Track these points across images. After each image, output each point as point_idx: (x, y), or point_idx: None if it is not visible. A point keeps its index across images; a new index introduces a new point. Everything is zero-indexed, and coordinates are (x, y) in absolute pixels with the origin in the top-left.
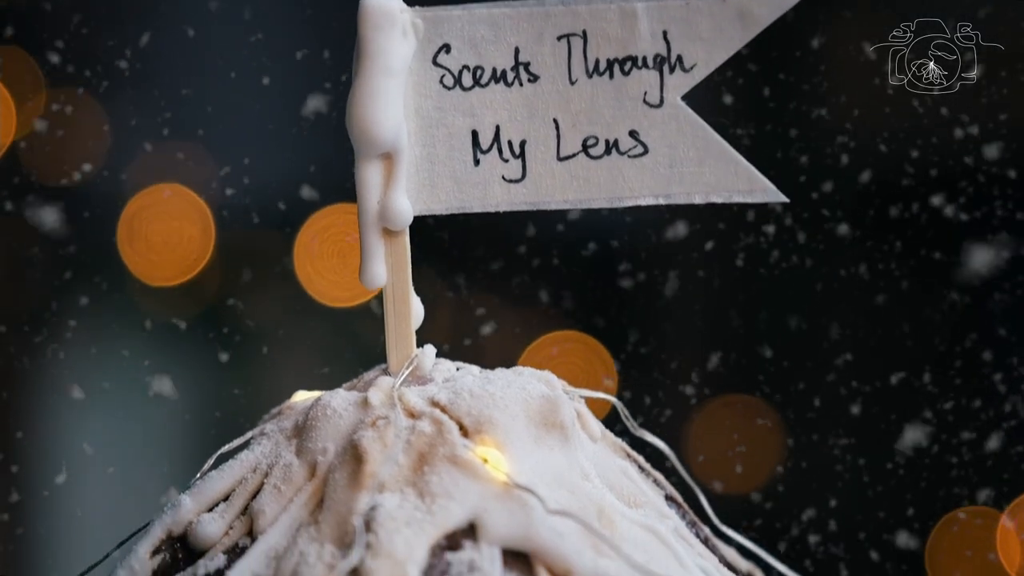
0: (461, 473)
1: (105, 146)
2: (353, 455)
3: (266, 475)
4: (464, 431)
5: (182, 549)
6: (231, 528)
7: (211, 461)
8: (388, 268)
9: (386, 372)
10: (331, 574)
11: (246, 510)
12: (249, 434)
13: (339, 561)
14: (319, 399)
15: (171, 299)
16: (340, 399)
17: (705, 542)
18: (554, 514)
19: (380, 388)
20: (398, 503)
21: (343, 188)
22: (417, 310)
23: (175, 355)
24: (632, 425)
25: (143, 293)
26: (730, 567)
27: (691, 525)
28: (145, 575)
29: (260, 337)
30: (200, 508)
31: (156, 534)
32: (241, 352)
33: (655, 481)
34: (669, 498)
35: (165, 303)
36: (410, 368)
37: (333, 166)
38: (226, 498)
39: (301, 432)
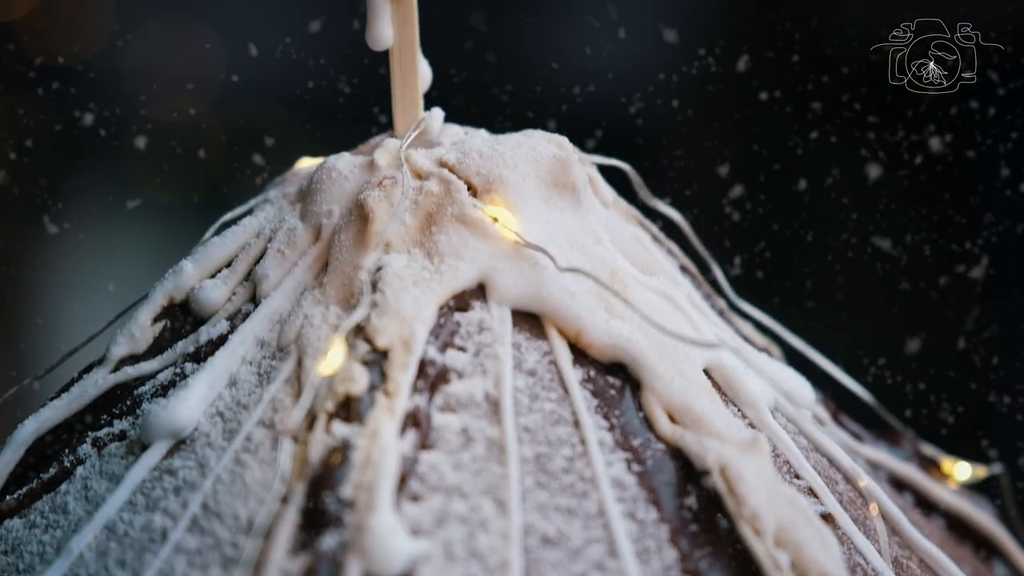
0: (470, 232)
1: None
2: (359, 215)
3: (269, 240)
4: (473, 191)
5: (184, 316)
6: (234, 294)
7: (214, 228)
8: (394, 28)
9: (392, 136)
10: (336, 333)
11: (249, 276)
12: (252, 201)
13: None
14: (323, 163)
15: None
16: (345, 162)
17: (720, 315)
18: (566, 272)
19: (386, 149)
20: (405, 263)
21: None
22: (424, 73)
23: None
24: (646, 194)
25: None
26: (746, 341)
27: (706, 297)
28: (146, 342)
29: None
30: (202, 274)
31: (157, 301)
32: None
33: (668, 252)
34: (683, 269)
35: None
36: (417, 130)
37: None
38: (229, 264)
39: (305, 196)
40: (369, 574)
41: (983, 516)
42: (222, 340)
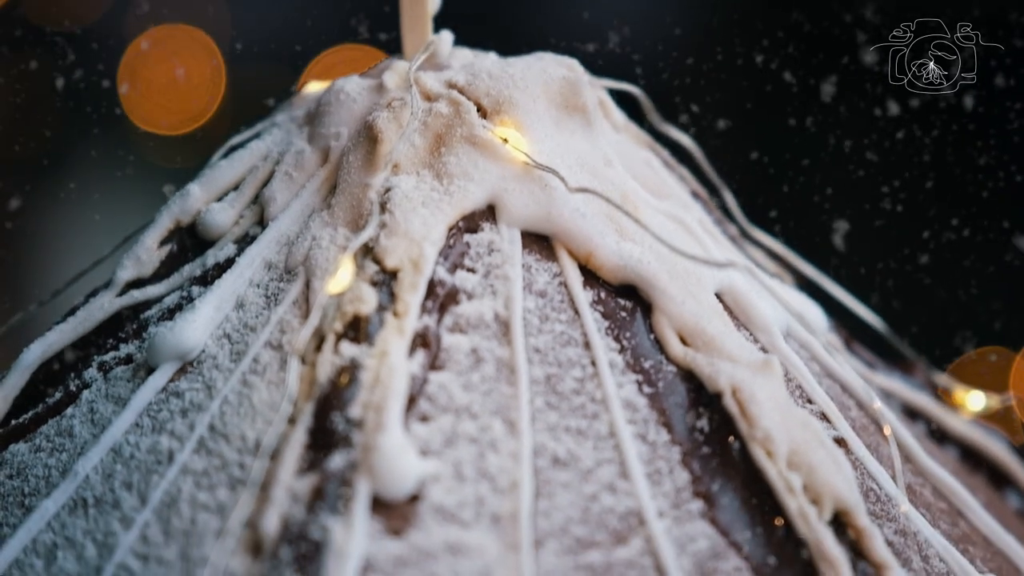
0: (480, 153)
1: None
2: (367, 136)
3: (277, 163)
4: (483, 112)
5: (190, 239)
6: (241, 217)
7: (221, 152)
8: None
9: (401, 59)
10: (344, 254)
11: (256, 199)
12: (259, 125)
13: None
14: (332, 85)
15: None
16: (354, 84)
17: (732, 241)
18: (576, 193)
19: (395, 71)
20: (414, 184)
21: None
22: None
23: None
24: (658, 119)
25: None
26: (758, 267)
27: (717, 223)
28: (152, 265)
29: None
30: (209, 197)
31: (164, 224)
32: None
33: (679, 177)
34: (694, 195)
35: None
36: (426, 53)
37: None
38: (236, 187)
39: (313, 119)
40: (378, 494)
41: (997, 446)
42: (229, 263)
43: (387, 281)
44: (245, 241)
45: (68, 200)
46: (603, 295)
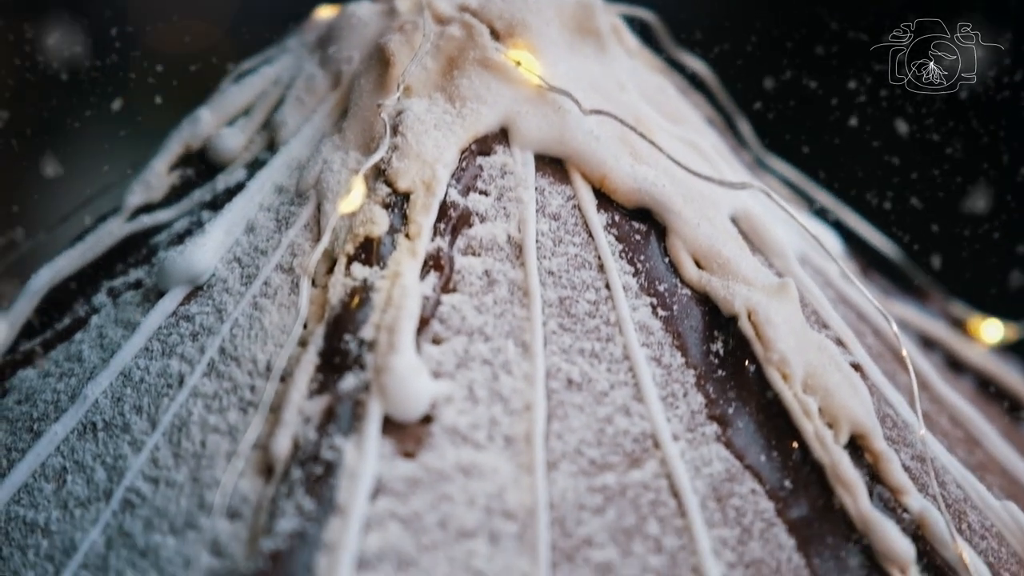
0: (492, 76)
1: None
2: (379, 59)
3: (288, 87)
4: (495, 34)
5: (200, 164)
6: (251, 142)
7: (231, 76)
8: None
9: None
10: (356, 176)
11: (267, 123)
12: (270, 50)
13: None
14: (343, 9)
15: None
16: (366, 8)
17: (747, 169)
18: (590, 115)
19: None
20: (426, 107)
21: None
22: None
23: None
24: (671, 45)
25: None
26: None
27: (732, 150)
28: (162, 190)
29: None
30: (219, 122)
31: (173, 149)
32: None
33: (693, 104)
34: (709, 121)
35: None
36: None
37: None
38: (246, 112)
39: (324, 43)
40: (390, 415)
41: (1013, 375)
42: (239, 187)
43: (399, 203)
44: (255, 165)
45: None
46: (617, 218)
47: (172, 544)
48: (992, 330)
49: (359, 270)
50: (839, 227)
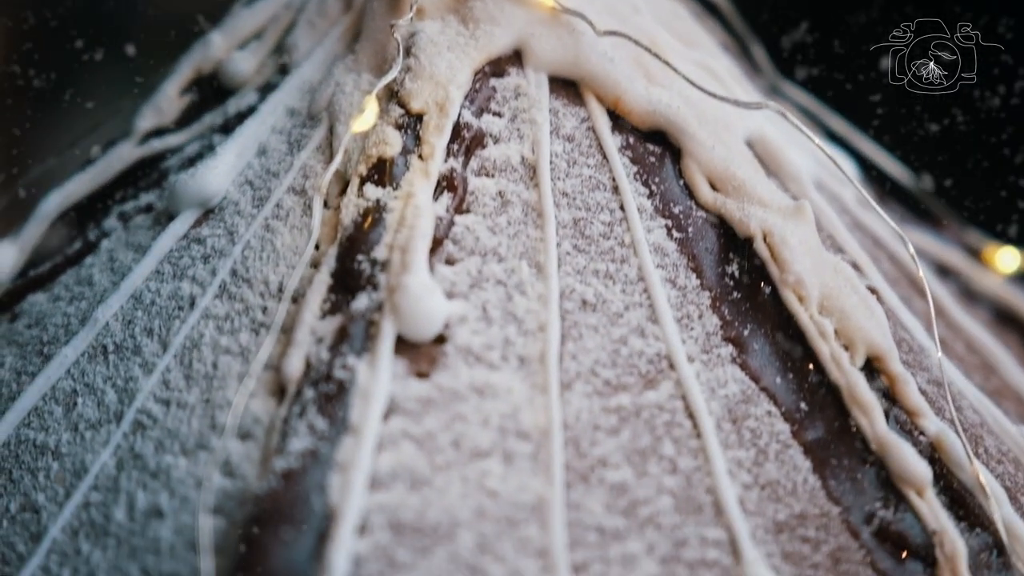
0: None
1: None
2: None
3: (299, 11)
4: None
5: (212, 88)
6: (263, 65)
7: (243, 0)
8: None
9: None
10: (369, 96)
11: (278, 47)
12: None
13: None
14: None
15: None
16: None
17: (762, 94)
18: (605, 37)
19: None
20: (440, 29)
21: None
22: None
23: None
24: None
25: None
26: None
27: (747, 76)
28: (172, 115)
29: None
30: (230, 46)
31: (184, 73)
32: None
33: (708, 30)
34: (723, 46)
35: None
36: None
37: None
38: (258, 36)
39: None
40: (403, 334)
41: None
42: (251, 110)
43: (412, 124)
44: (267, 89)
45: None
46: (632, 140)
47: (183, 465)
48: (1008, 258)
49: (372, 191)
50: (855, 155)
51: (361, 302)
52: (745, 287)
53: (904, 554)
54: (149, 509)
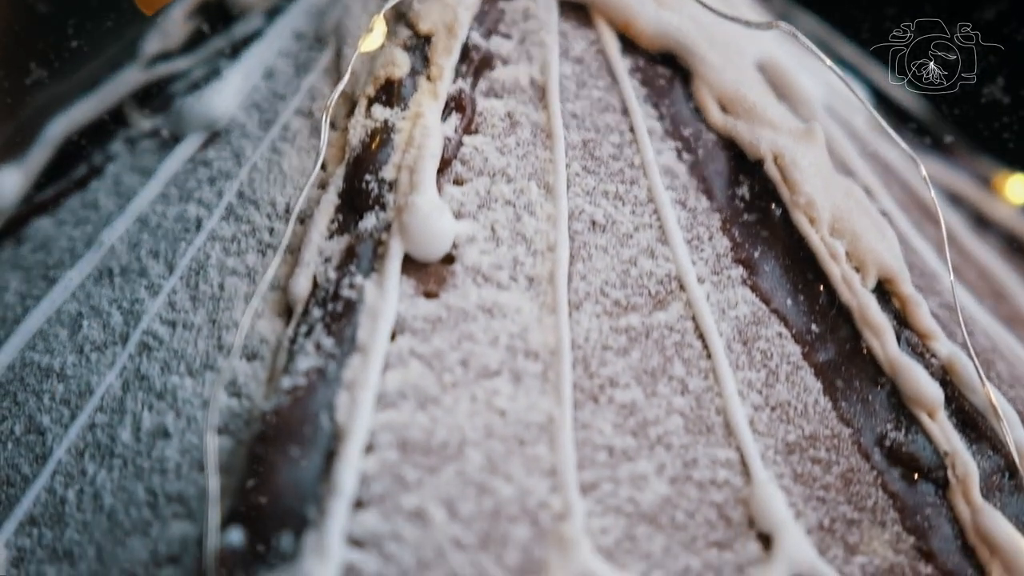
0: None
1: None
2: None
3: None
4: None
5: (218, 12)
6: None
7: None
8: None
9: None
10: (376, 17)
11: None
12: None
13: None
14: None
15: None
16: None
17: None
18: None
19: None
20: None
21: None
22: None
23: None
24: None
25: None
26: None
27: (756, 4)
28: (178, 39)
29: None
30: None
31: None
32: None
33: None
34: None
35: None
36: None
37: None
38: None
39: None
40: (411, 254)
41: None
42: (258, 34)
43: (420, 45)
44: (274, 13)
45: None
46: (642, 63)
47: (189, 385)
48: (1020, 188)
49: (380, 111)
50: (866, 82)
51: (369, 222)
52: (756, 209)
53: (916, 476)
54: (155, 429)
